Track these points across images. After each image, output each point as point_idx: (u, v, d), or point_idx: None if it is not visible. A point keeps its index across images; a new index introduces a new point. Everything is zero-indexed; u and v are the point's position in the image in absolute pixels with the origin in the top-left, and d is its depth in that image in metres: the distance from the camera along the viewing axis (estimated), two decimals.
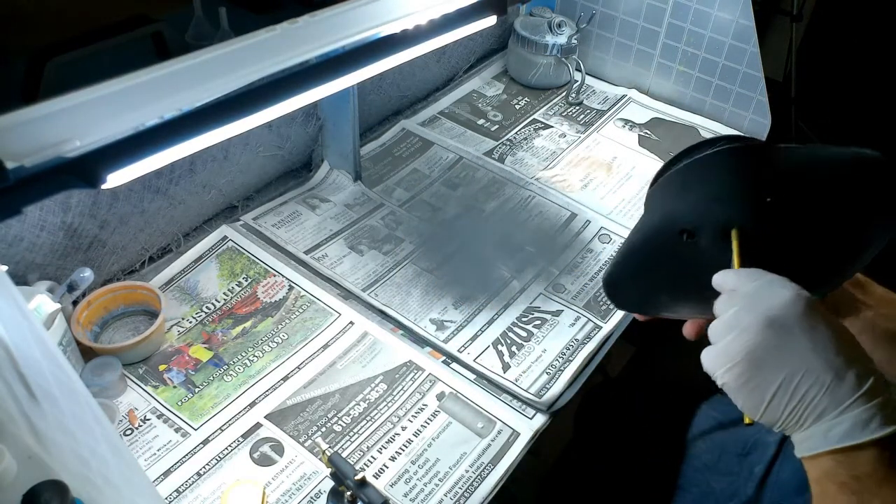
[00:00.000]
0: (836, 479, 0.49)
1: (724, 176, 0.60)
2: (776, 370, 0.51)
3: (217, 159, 0.96)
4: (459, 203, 1.10)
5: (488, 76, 1.39)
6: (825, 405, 0.50)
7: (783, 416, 0.51)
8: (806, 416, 0.50)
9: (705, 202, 0.61)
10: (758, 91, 1.23)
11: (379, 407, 0.82)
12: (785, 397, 0.51)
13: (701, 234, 0.61)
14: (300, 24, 0.56)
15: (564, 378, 0.86)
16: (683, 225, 0.61)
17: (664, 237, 0.63)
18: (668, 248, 0.63)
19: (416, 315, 0.92)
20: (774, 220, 0.59)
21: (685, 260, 0.63)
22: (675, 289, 0.65)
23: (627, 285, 0.68)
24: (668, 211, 0.63)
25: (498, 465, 0.77)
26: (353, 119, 1.03)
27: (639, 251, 0.66)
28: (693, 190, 0.61)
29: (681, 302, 0.66)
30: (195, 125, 0.53)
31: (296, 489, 0.74)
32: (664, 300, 0.66)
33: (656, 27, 1.28)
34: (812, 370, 0.50)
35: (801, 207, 0.59)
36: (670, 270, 0.65)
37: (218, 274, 0.95)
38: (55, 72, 0.55)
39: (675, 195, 0.63)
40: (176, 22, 0.64)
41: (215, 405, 0.81)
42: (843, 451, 0.49)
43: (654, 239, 0.64)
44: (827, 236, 0.59)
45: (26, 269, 0.80)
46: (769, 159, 0.59)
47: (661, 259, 0.65)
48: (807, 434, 0.50)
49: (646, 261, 0.66)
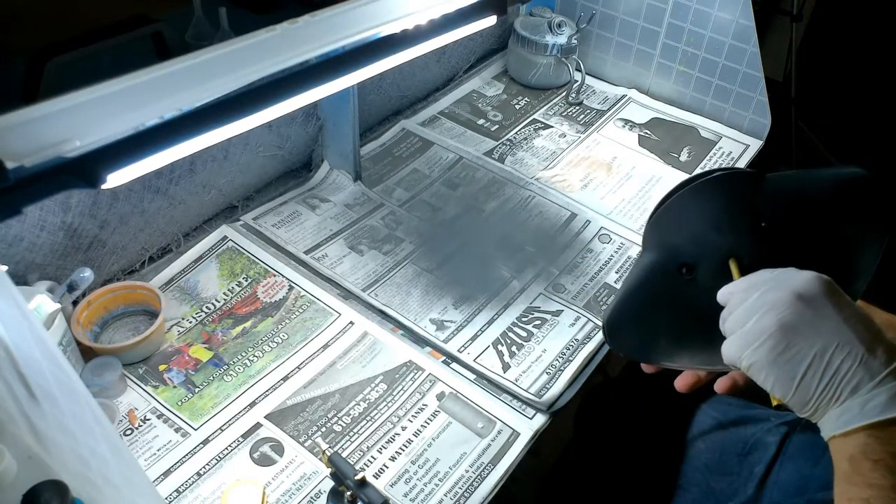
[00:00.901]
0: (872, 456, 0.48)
1: (718, 203, 0.61)
2: (810, 342, 0.51)
3: (217, 159, 0.96)
4: (459, 203, 1.10)
5: (488, 76, 1.39)
6: (860, 377, 0.49)
7: (818, 390, 0.50)
8: (841, 389, 0.50)
9: (702, 232, 0.61)
10: (758, 91, 1.23)
11: (379, 407, 0.82)
12: (819, 369, 0.50)
13: (700, 267, 0.62)
14: (300, 24, 0.56)
15: (564, 378, 0.86)
16: (682, 258, 0.62)
17: (663, 275, 0.64)
18: (668, 287, 0.64)
19: (416, 315, 0.92)
20: (770, 244, 0.60)
21: (685, 299, 0.64)
22: (676, 331, 0.66)
23: (628, 329, 0.68)
24: (665, 245, 0.64)
25: (498, 465, 0.77)
26: (353, 119, 1.03)
27: (638, 292, 0.66)
28: (689, 221, 0.62)
29: (682, 345, 0.65)
30: (195, 125, 0.52)
31: (296, 489, 0.74)
32: (665, 345, 0.66)
33: (656, 27, 1.28)
34: (845, 343, 0.50)
35: (796, 230, 0.60)
36: (671, 311, 0.65)
37: (218, 274, 0.95)
38: (55, 72, 0.55)
39: (672, 228, 0.63)
40: (176, 22, 0.64)
41: (215, 405, 0.81)
42: (880, 426, 0.48)
43: (653, 278, 0.65)
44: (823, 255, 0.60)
45: (26, 269, 0.80)
46: (759, 186, 0.60)
47: (660, 299, 0.65)
48: (841, 410, 0.50)
49: (645, 302, 0.66)
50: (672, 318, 0.66)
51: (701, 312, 0.61)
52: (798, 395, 0.51)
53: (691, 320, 0.64)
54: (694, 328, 0.63)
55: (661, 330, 0.66)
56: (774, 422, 0.88)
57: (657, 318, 0.66)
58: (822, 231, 0.60)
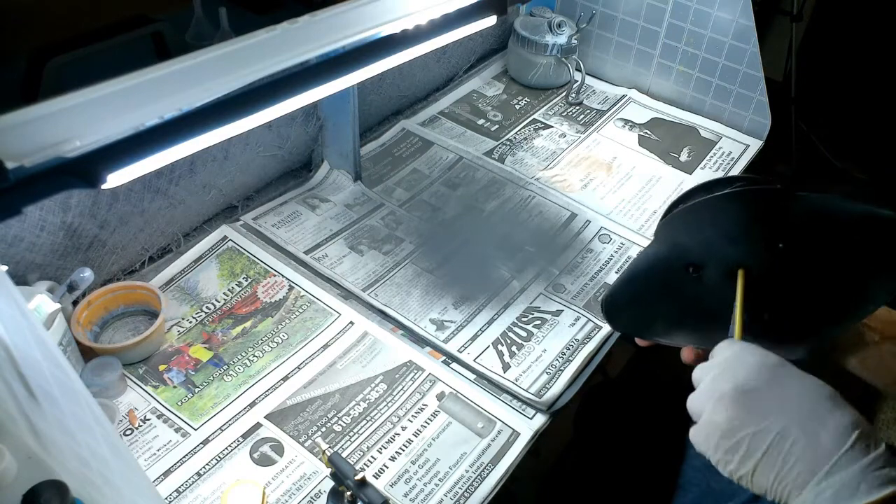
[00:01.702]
0: None
1: (739, 217, 0.60)
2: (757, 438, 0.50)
3: (217, 159, 0.96)
4: (459, 203, 1.10)
5: (488, 76, 1.39)
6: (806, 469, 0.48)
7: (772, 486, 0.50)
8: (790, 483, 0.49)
9: (717, 240, 0.61)
10: (758, 91, 1.23)
11: (379, 407, 0.82)
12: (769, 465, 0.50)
13: (707, 270, 0.62)
14: (300, 24, 0.56)
15: (564, 378, 0.86)
16: (691, 259, 0.62)
17: (670, 269, 0.64)
18: (673, 279, 0.64)
19: (416, 315, 0.92)
20: (783, 266, 0.60)
21: (688, 293, 0.64)
22: (674, 319, 0.67)
23: (626, 309, 0.70)
24: (677, 244, 0.63)
25: (498, 465, 0.77)
26: (353, 119, 1.03)
27: (642, 278, 0.67)
28: (706, 226, 0.62)
29: (678, 331, 0.67)
30: (195, 125, 0.52)
31: (296, 489, 0.74)
32: (661, 327, 0.68)
33: (656, 27, 1.28)
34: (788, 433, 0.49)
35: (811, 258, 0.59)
36: (672, 301, 0.66)
37: (218, 274, 0.95)
38: (55, 72, 0.55)
39: (688, 230, 0.63)
40: (176, 22, 0.64)
41: (215, 405, 0.81)
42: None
43: (660, 269, 0.65)
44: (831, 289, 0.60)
45: (26, 269, 0.80)
46: (784, 205, 0.59)
47: (664, 289, 0.66)
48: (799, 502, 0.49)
49: (648, 288, 0.67)
50: (672, 307, 0.66)
51: (702, 307, 0.63)
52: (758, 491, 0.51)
53: (691, 311, 0.65)
54: (692, 318, 0.65)
55: (659, 315, 0.68)
56: None
57: (657, 304, 0.67)
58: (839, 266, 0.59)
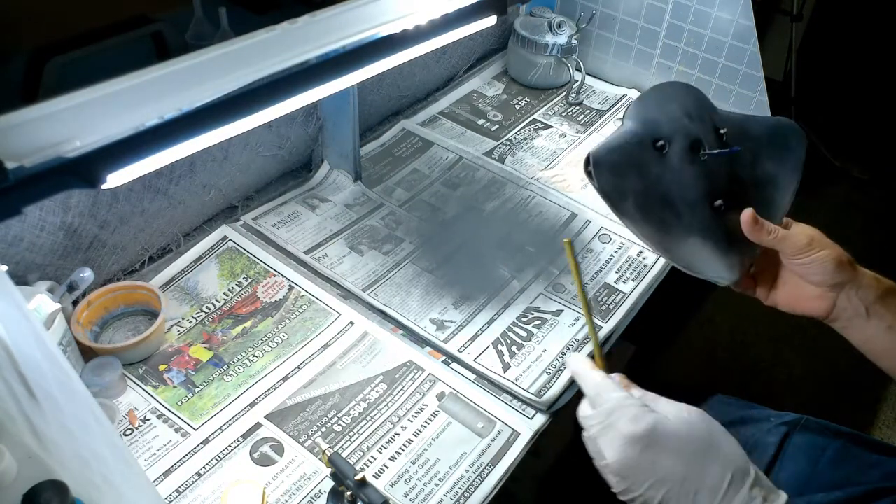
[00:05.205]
0: None
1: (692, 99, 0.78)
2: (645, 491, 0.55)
3: (217, 159, 0.96)
4: (459, 203, 1.10)
5: (488, 76, 1.39)
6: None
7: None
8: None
9: (678, 116, 0.76)
10: (758, 91, 1.23)
11: (379, 407, 0.82)
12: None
13: (671, 145, 0.74)
14: (300, 24, 0.56)
15: (564, 378, 0.86)
16: (659, 133, 0.75)
17: (640, 144, 0.74)
18: (642, 156, 0.74)
19: (416, 315, 0.92)
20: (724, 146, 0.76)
21: (654, 172, 0.74)
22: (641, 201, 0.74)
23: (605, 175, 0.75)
24: (647, 120, 0.76)
25: (498, 465, 0.77)
26: (353, 119, 1.03)
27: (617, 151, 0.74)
28: (672, 101, 0.77)
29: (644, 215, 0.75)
30: (195, 125, 0.53)
31: (296, 489, 0.74)
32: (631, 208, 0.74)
33: (656, 27, 1.28)
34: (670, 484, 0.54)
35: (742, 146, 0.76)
36: (640, 180, 0.74)
37: (218, 274, 0.95)
38: (55, 72, 0.55)
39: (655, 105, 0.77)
40: (176, 22, 0.64)
41: (215, 405, 0.81)
42: None
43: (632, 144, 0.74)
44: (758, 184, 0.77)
45: (26, 269, 0.80)
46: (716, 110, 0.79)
47: (633, 165, 0.74)
48: None
49: (622, 162, 0.74)
50: (640, 187, 0.74)
51: (662, 189, 0.74)
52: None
53: (654, 196, 0.74)
54: (655, 205, 0.74)
55: (628, 193, 0.74)
56: (774, 422, 0.88)
57: (629, 180, 0.74)
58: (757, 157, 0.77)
